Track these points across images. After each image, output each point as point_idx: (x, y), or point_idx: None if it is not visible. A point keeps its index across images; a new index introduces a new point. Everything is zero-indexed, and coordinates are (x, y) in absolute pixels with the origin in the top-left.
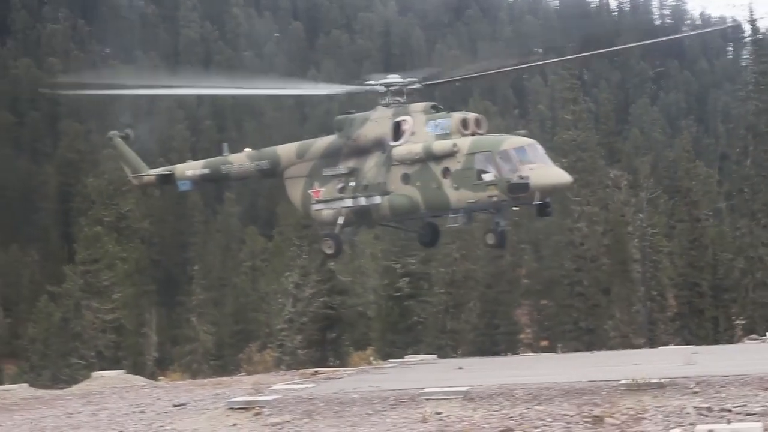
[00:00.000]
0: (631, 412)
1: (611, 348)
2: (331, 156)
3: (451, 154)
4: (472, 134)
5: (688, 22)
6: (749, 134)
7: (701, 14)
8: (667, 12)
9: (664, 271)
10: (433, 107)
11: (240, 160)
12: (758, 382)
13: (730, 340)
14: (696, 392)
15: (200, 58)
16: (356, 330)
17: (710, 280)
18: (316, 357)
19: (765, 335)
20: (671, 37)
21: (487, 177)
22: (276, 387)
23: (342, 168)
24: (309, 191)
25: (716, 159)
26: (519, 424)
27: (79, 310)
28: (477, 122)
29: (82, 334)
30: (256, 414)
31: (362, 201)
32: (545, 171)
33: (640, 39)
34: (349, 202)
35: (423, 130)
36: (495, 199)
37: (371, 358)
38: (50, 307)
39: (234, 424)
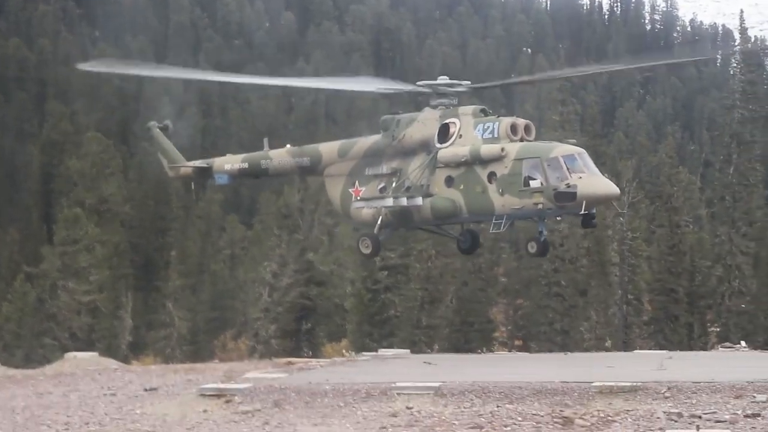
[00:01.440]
0: (602, 415)
1: (585, 350)
2: (375, 155)
3: (498, 159)
4: (521, 140)
5: (679, 28)
6: (733, 142)
7: (691, 21)
8: (657, 17)
9: (641, 276)
10: (482, 111)
11: (280, 156)
12: (729, 389)
13: (704, 347)
14: (667, 397)
15: (190, 44)
16: (331, 321)
17: (687, 287)
18: (291, 347)
19: (739, 343)
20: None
21: (534, 184)
22: (248, 375)
23: (385, 168)
24: (349, 190)
25: (699, 166)
26: (489, 422)
27: (56, 291)
28: (527, 128)
29: (57, 315)
30: (227, 401)
31: (403, 201)
32: (593, 181)
33: (630, 43)
34: (389, 202)
35: (471, 133)
36: (540, 206)
37: (345, 351)
38: (26, 287)
39: (204, 411)
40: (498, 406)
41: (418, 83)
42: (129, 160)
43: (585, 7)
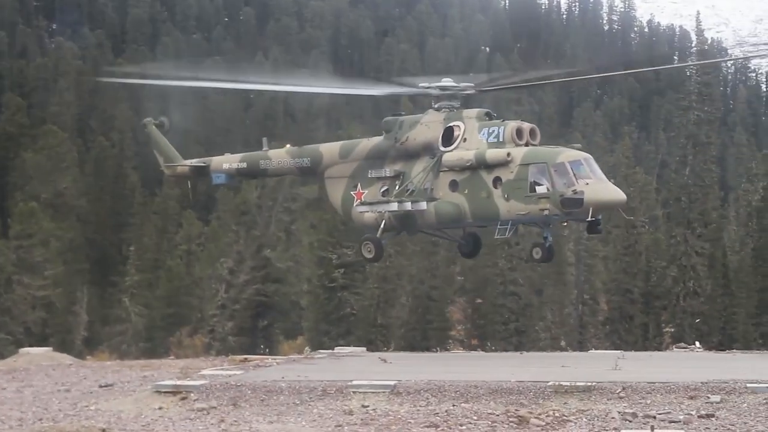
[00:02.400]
0: (557, 415)
1: (541, 349)
2: (377, 158)
3: (504, 164)
4: (526, 144)
5: (636, 29)
6: (689, 144)
7: (649, 22)
8: (615, 18)
9: (597, 276)
10: (487, 114)
11: (280, 156)
12: (684, 390)
13: (659, 348)
14: (622, 397)
15: (147, 38)
16: (288, 319)
17: (642, 287)
18: (247, 344)
19: (693, 344)
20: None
21: (540, 189)
22: (204, 372)
23: (388, 170)
24: (351, 192)
25: (655, 166)
26: (445, 421)
27: (10, 286)
28: (532, 132)
29: (12, 309)
30: (183, 398)
31: (408, 206)
32: (601, 187)
33: (588, 43)
34: (394, 206)
35: (476, 136)
36: (546, 212)
37: (304, 348)
38: None
39: (160, 408)
40: (453, 405)
41: (422, 84)
42: (85, 154)
43: (543, 7)
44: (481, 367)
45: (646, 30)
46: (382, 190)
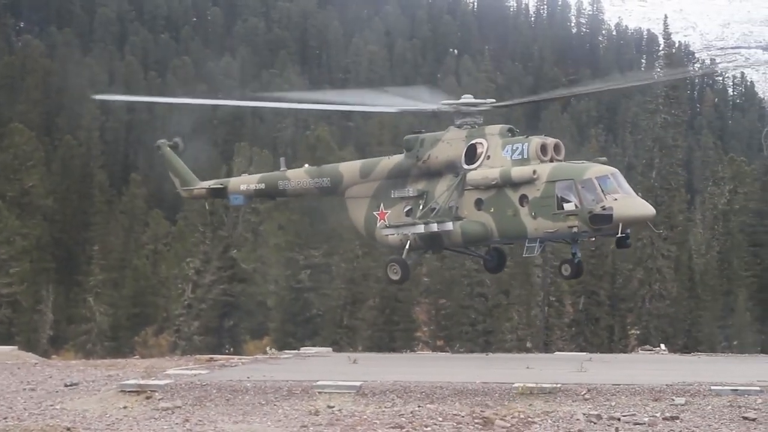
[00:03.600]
0: (522, 416)
1: (507, 350)
2: (399, 177)
3: (530, 181)
4: (551, 160)
5: (605, 32)
6: (656, 146)
7: (617, 25)
8: (583, 21)
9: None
10: (509, 130)
11: (299, 176)
12: (648, 392)
13: (624, 350)
14: (587, 399)
15: (115, 37)
16: (254, 319)
17: (608, 289)
18: (213, 344)
19: (659, 346)
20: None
21: (568, 206)
22: (169, 372)
23: (411, 190)
24: (374, 213)
25: (622, 169)
26: (410, 422)
27: None
28: (556, 147)
29: None
30: (148, 398)
31: (434, 227)
32: (629, 202)
33: (556, 46)
34: (420, 229)
35: (499, 154)
36: (575, 229)
37: (267, 348)
38: None
39: (125, 407)
40: (419, 406)
41: (442, 102)
42: (52, 153)
43: (512, 9)
44: (446, 368)
45: (614, 33)
46: (406, 209)
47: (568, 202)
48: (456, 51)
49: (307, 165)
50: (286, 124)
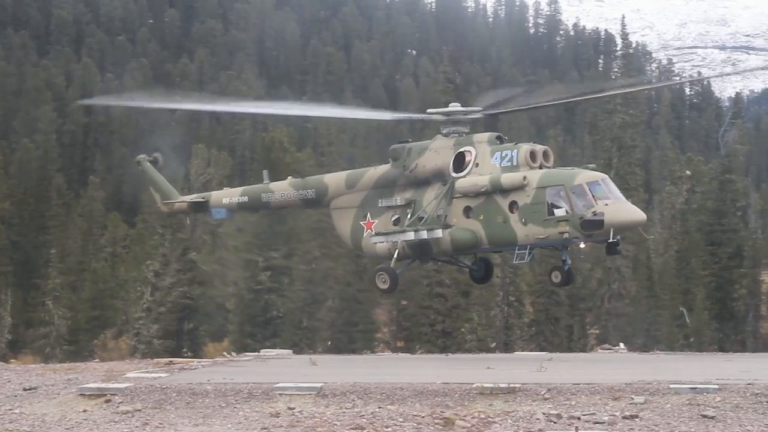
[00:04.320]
0: (482, 416)
1: (467, 351)
2: (386, 186)
3: (520, 188)
4: (540, 167)
5: (562, 32)
6: (614, 147)
7: (575, 25)
8: (541, 21)
9: (522, 277)
10: (498, 138)
11: (283, 188)
12: (608, 391)
13: (584, 349)
14: (546, 399)
15: (72, 39)
16: (214, 321)
17: (567, 289)
18: (172, 347)
19: (618, 345)
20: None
21: (559, 212)
22: (129, 375)
23: (398, 199)
24: (360, 223)
25: None
26: (371, 423)
27: None
28: (545, 154)
29: None
30: (107, 401)
31: (424, 234)
32: (620, 207)
33: (514, 47)
34: (410, 235)
35: (488, 161)
36: (566, 235)
37: (227, 351)
38: None
39: (84, 411)
40: (379, 407)
41: (429, 111)
42: (9, 156)
43: (469, 10)
44: (407, 369)
45: (572, 33)
46: (393, 218)
47: (559, 208)
48: (414, 52)
49: (290, 177)
50: (243, 125)
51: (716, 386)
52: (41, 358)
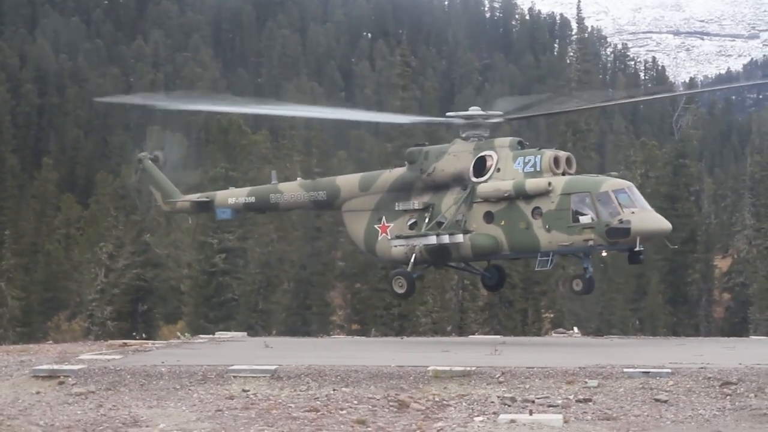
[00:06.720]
0: (437, 399)
1: (422, 334)
2: (402, 190)
3: (544, 193)
4: (563, 173)
5: (518, 16)
6: (569, 131)
7: (530, 10)
8: (497, 5)
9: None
10: (519, 143)
11: (292, 189)
12: (562, 375)
13: (538, 333)
14: (501, 382)
15: (26, 20)
16: (168, 304)
17: (522, 273)
18: (126, 329)
19: (572, 329)
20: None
21: (584, 219)
22: (82, 357)
23: (416, 203)
24: (375, 226)
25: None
26: (325, 405)
27: None
28: (568, 161)
29: None
30: (61, 383)
31: (446, 238)
32: (646, 216)
33: (470, 30)
34: (432, 239)
35: (510, 166)
36: (591, 243)
37: (181, 333)
38: None
39: (37, 392)
40: (334, 390)
41: (448, 114)
42: None
43: None
44: (361, 352)
45: (527, 18)
46: (410, 222)
47: (584, 215)
48: (370, 35)
49: (299, 178)
50: (199, 117)
51: (669, 370)
52: None
